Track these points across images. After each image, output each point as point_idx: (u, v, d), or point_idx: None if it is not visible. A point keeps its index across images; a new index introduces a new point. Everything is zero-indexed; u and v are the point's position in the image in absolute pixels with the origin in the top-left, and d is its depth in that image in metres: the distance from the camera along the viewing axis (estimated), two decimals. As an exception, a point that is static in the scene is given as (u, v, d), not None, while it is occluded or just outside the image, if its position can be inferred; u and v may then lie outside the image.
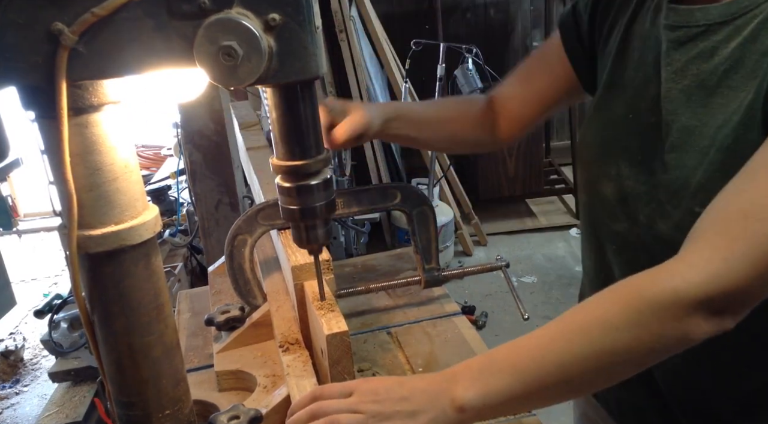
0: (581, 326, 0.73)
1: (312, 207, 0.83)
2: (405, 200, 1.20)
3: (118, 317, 0.77)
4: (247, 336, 1.17)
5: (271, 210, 1.15)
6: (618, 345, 0.71)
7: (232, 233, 1.15)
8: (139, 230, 0.75)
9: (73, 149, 0.69)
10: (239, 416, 0.91)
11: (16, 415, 3.33)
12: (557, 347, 0.73)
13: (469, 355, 1.16)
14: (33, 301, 4.03)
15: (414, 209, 1.21)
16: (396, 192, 1.20)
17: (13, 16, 0.63)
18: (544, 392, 0.73)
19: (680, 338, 0.70)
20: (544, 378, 0.72)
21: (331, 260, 1.04)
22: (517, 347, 0.76)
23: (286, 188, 0.83)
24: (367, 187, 1.21)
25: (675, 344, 0.71)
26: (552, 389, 0.73)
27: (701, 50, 0.83)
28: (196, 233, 3.02)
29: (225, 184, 2.53)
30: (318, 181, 0.82)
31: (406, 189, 1.20)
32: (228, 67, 0.66)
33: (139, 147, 5.61)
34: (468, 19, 5.09)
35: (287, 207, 0.84)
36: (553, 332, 0.75)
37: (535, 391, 0.73)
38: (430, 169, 3.84)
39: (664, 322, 0.69)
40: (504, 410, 0.78)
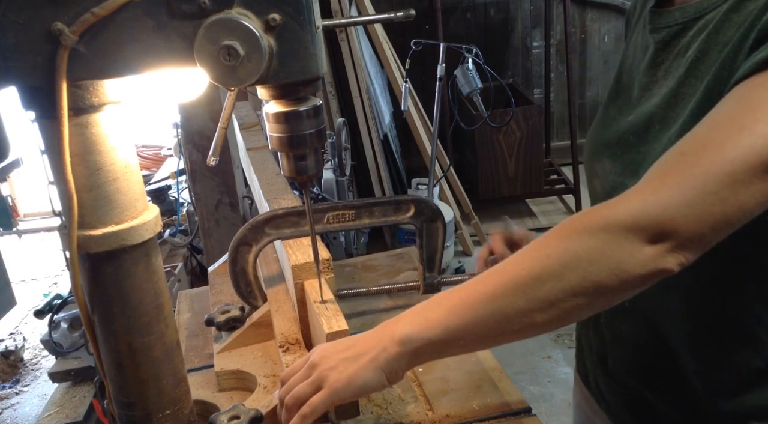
0: (515, 258, 0.76)
1: (302, 135, 0.80)
2: (418, 214, 1.17)
3: (119, 317, 0.77)
4: (248, 336, 1.17)
5: (279, 220, 1.12)
6: (549, 271, 0.72)
7: (236, 241, 1.13)
8: (140, 230, 0.75)
9: (74, 149, 0.69)
10: (239, 416, 0.91)
11: (16, 415, 3.33)
12: (491, 279, 0.76)
13: (469, 355, 1.16)
14: (33, 301, 4.03)
15: (426, 224, 1.19)
16: (410, 206, 1.16)
17: (13, 16, 0.63)
18: (480, 325, 0.75)
19: (613, 267, 0.70)
20: (477, 309, 0.74)
21: (331, 260, 1.04)
22: (458, 288, 0.78)
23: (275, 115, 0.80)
24: (380, 199, 1.17)
25: (608, 275, 0.70)
26: (487, 320, 0.74)
27: (681, 48, 0.88)
28: (196, 233, 3.02)
29: (225, 184, 2.53)
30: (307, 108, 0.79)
31: (421, 203, 1.17)
32: (228, 67, 0.66)
33: (139, 147, 5.61)
34: (468, 19, 5.09)
35: (275, 135, 0.81)
36: (491, 270, 0.77)
37: (471, 323, 0.75)
38: (430, 170, 3.83)
39: (593, 247, 0.70)
40: (443, 346, 0.77)
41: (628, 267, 0.70)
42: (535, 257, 0.74)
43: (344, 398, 0.80)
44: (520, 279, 0.74)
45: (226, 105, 1.08)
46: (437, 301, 0.79)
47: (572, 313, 0.74)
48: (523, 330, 0.75)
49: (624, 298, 0.74)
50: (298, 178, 0.85)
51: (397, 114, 4.28)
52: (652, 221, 0.69)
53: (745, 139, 0.67)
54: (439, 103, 3.65)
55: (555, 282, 0.72)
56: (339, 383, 0.79)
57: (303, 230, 1.12)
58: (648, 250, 0.69)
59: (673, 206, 0.69)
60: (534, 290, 0.73)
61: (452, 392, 1.07)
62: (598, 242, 0.71)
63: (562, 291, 0.72)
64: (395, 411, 1.01)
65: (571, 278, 0.71)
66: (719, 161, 0.68)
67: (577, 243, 0.72)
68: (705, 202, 0.68)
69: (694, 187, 0.68)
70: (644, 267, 0.69)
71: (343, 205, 1.15)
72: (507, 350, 3.22)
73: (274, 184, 1.36)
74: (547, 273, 0.72)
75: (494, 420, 1.00)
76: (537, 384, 3.00)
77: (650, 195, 0.70)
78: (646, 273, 0.70)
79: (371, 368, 0.79)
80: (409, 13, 0.89)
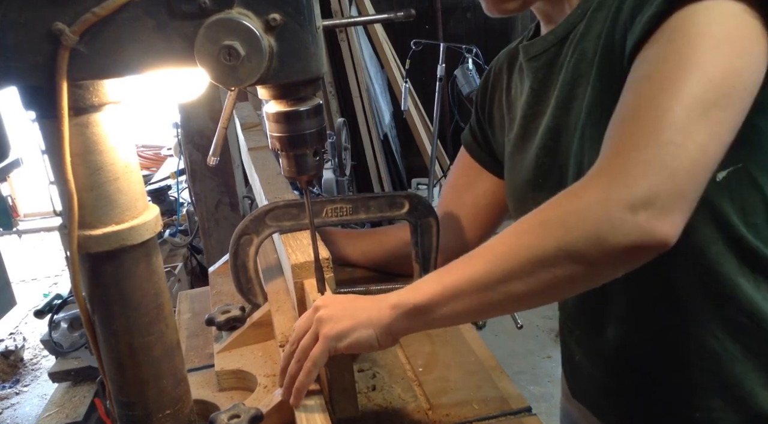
0: (501, 234, 0.78)
1: (302, 134, 0.80)
2: (412, 210, 1.19)
3: (119, 317, 0.77)
4: (248, 336, 1.18)
5: (280, 211, 1.14)
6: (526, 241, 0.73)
7: (238, 232, 1.15)
8: (140, 230, 0.75)
9: (74, 149, 0.69)
10: (240, 415, 0.91)
11: (16, 415, 3.33)
12: (477, 251, 0.79)
13: (469, 355, 1.16)
14: (33, 301, 4.03)
15: (420, 220, 1.20)
16: (404, 201, 1.19)
17: (13, 16, 0.64)
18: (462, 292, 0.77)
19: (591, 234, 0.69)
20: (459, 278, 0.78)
21: (330, 259, 1.04)
22: (451, 263, 0.81)
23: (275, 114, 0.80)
24: (375, 194, 1.19)
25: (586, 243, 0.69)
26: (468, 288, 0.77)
27: (560, 63, 0.95)
28: (196, 233, 3.02)
29: (225, 184, 2.53)
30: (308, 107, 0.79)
31: (415, 199, 1.19)
32: (228, 67, 0.66)
33: (139, 147, 5.61)
34: (468, 19, 5.10)
35: (276, 135, 0.81)
36: (478, 248, 0.79)
37: (453, 290, 0.78)
38: (430, 170, 3.84)
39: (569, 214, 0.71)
40: (429, 311, 0.80)
41: (609, 236, 0.68)
42: (516, 230, 0.76)
43: (338, 348, 0.84)
44: (499, 249, 0.76)
45: (227, 105, 1.08)
46: (430, 275, 0.84)
47: (553, 285, 0.73)
48: (503, 301, 0.76)
49: (613, 273, 0.73)
50: (299, 178, 0.86)
51: (397, 114, 4.28)
52: (626, 188, 0.68)
53: (674, 88, 0.70)
54: (439, 103, 3.65)
55: (531, 251, 0.72)
56: (333, 332, 0.84)
57: (303, 223, 1.14)
58: (631, 218, 0.67)
59: (639, 168, 0.68)
60: (511, 258, 0.74)
61: (452, 392, 1.07)
62: (572, 213, 0.71)
63: (537, 259, 0.72)
64: (395, 411, 1.02)
65: (547, 245, 0.71)
66: (659, 113, 0.69)
67: (553, 214, 0.73)
68: (666, 153, 0.68)
69: (648, 144, 0.69)
70: (627, 236, 0.68)
71: (340, 199, 1.17)
72: (507, 350, 3.22)
73: (275, 184, 1.36)
74: (524, 243, 0.73)
75: (494, 420, 1.00)
76: (537, 384, 3.00)
77: (614, 166, 0.71)
78: (633, 243, 0.68)
79: (364, 325, 0.83)
80: (409, 13, 0.89)
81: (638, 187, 0.68)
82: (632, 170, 0.69)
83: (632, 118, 0.72)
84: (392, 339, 0.84)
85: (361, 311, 0.85)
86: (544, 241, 0.72)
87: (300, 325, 0.90)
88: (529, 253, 0.73)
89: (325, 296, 0.92)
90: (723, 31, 0.71)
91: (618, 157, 0.71)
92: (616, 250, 0.69)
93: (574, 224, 0.70)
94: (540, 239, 0.72)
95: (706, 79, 0.69)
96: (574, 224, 0.70)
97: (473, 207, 1.25)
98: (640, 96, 0.73)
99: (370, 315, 0.83)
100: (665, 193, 0.67)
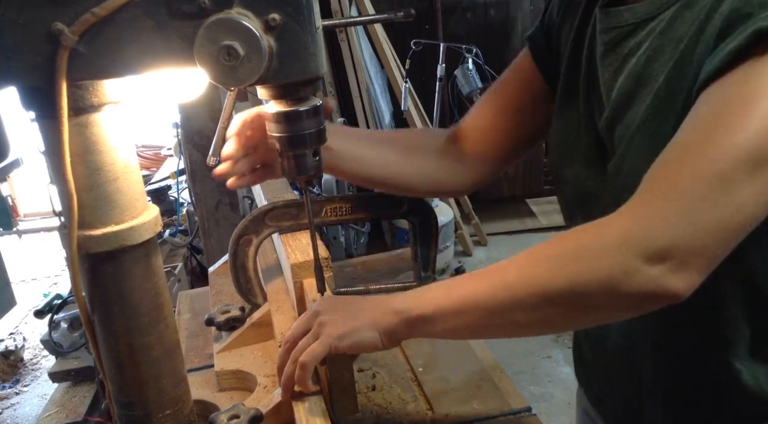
0: (515, 257, 0.76)
1: (301, 134, 0.80)
2: (411, 209, 1.19)
3: (119, 317, 0.77)
4: (248, 336, 1.18)
5: (279, 211, 1.14)
6: (537, 274, 0.72)
7: (238, 232, 1.15)
8: (140, 230, 0.75)
9: (74, 149, 0.69)
10: (239, 416, 0.91)
11: (16, 415, 3.33)
12: (487, 271, 0.78)
13: (469, 355, 1.16)
14: (33, 301, 4.03)
15: (419, 219, 1.21)
16: (403, 200, 1.19)
17: (13, 16, 0.63)
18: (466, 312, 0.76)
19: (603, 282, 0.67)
20: (466, 297, 0.77)
21: (330, 258, 1.04)
22: (459, 276, 0.81)
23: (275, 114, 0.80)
24: (376, 193, 1.19)
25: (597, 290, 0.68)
26: (473, 309, 0.76)
27: (632, 47, 0.85)
28: (196, 233, 3.02)
29: (225, 185, 2.53)
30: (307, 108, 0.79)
31: (414, 199, 1.19)
32: (228, 67, 0.66)
33: (139, 147, 5.61)
34: (468, 19, 5.09)
35: (276, 135, 0.81)
36: (492, 265, 0.78)
37: (458, 308, 0.77)
38: (430, 169, 3.83)
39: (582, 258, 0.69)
40: (432, 324, 0.80)
41: (620, 284, 0.67)
42: (530, 259, 0.74)
43: (339, 347, 0.83)
44: (510, 276, 0.75)
45: (226, 105, 1.08)
46: (437, 284, 0.83)
47: (556, 321, 0.73)
48: (504, 327, 0.76)
49: (620, 317, 0.73)
50: (298, 179, 0.86)
51: (397, 114, 4.28)
52: (646, 237, 0.66)
53: (726, 137, 0.65)
54: (439, 103, 3.65)
55: (540, 284, 0.71)
56: (337, 332, 0.83)
57: (302, 223, 1.14)
58: (646, 270, 0.65)
59: (665, 218, 0.66)
60: (520, 289, 0.73)
61: (452, 392, 1.07)
62: (588, 252, 0.69)
63: (545, 294, 0.71)
64: (395, 411, 1.02)
65: (557, 283, 0.70)
66: (703, 163, 0.65)
67: (569, 248, 0.71)
68: (697, 209, 0.64)
69: (682, 194, 0.65)
70: (640, 288, 0.66)
71: (340, 198, 1.17)
72: (507, 350, 3.22)
73: (274, 184, 1.37)
74: (536, 275, 0.72)
75: (494, 420, 1.00)
76: (537, 384, 3.00)
77: (640, 210, 0.68)
78: (644, 294, 0.66)
79: (368, 326, 0.82)
80: (409, 13, 0.89)
81: (659, 238, 0.65)
82: (658, 219, 0.66)
83: (676, 161, 0.68)
84: (396, 341, 0.84)
85: (363, 313, 0.84)
86: (555, 277, 0.70)
87: (298, 325, 0.89)
88: (539, 287, 0.71)
89: (324, 300, 0.92)
90: None
91: (648, 200, 0.68)
92: (625, 297, 0.67)
93: (588, 265, 0.68)
94: (552, 275, 0.71)
95: (766, 131, 0.63)
96: (588, 265, 0.68)
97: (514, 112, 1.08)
98: (691, 138, 0.68)
99: (373, 317, 0.83)
100: (687, 248, 0.65)
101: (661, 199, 0.67)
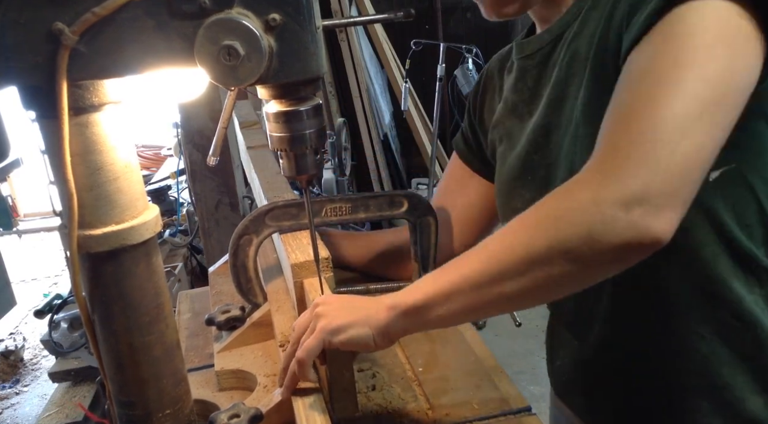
0: (494, 235, 0.78)
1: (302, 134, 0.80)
2: (411, 209, 1.19)
3: (119, 316, 0.77)
4: (248, 336, 1.18)
5: (279, 211, 1.14)
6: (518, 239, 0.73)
7: (238, 232, 1.15)
8: (140, 230, 0.75)
9: (74, 149, 0.69)
10: (239, 415, 0.91)
11: (16, 415, 3.33)
12: (472, 251, 0.78)
13: (469, 355, 1.16)
14: (33, 301, 4.03)
15: (419, 219, 1.21)
16: (403, 200, 1.19)
17: (13, 16, 0.64)
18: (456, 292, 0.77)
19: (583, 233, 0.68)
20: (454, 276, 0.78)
21: (330, 258, 1.04)
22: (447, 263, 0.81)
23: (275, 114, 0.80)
24: (375, 194, 1.20)
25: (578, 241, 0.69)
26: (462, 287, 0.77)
27: (553, 61, 0.95)
28: (196, 233, 3.02)
29: (225, 184, 2.53)
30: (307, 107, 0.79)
31: (414, 198, 1.20)
32: (228, 67, 0.66)
33: (139, 147, 5.62)
34: (468, 19, 5.10)
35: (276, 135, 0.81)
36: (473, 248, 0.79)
37: (448, 289, 0.78)
38: (430, 170, 3.84)
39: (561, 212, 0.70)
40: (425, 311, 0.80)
41: (601, 234, 0.67)
42: (510, 229, 0.75)
43: (332, 342, 0.84)
44: (493, 248, 0.76)
45: (226, 105, 1.08)
46: (427, 275, 0.84)
47: (546, 285, 0.73)
48: (498, 301, 0.76)
49: (607, 271, 0.72)
50: (298, 178, 0.86)
51: (397, 114, 4.28)
52: (617, 187, 0.67)
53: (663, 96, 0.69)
54: (439, 103, 3.65)
55: (524, 249, 0.72)
56: (330, 326, 0.84)
57: (302, 223, 1.14)
58: (624, 217, 0.67)
59: (632, 167, 0.68)
60: (504, 257, 0.74)
61: (452, 391, 1.07)
62: (565, 211, 0.70)
63: (530, 258, 0.71)
64: (395, 410, 1.02)
65: (539, 244, 0.71)
66: (654, 113, 0.69)
67: (546, 212, 0.73)
68: (660, 153, 0.67)
69: (643, 143, 0.68)
70: (621, 235, 0.67)
71: (340, 198, 1.17)
72: (507, 349, 3.22)
73: (275, 184, 1.37)
74: (518, 242, 0.73)
75: (494, 419, 1.00)
76: (537, 384, 3.00)
77: (606, 165, 0.70)
78: (626, 242, 0.67)
79: (362, 323, 0.83)
80: (409, 13, 0.89)
81: (631, 185, 0.67)
82: (626, 167, 0.68)
83: (627, 115, 0.71)
84: (389, 340, 0.84)
85: (358, 310, 0.85)
86: (537, 240, 0.71)
87: (299, 324, 0.90)
88: (522, 252, 0.72)
89: (324, 296, 0.92)
90: (718, 31, 0.71)
91: (612, 154, 0.70)
92: (608, 248, 0.68)
93: (567, 222, 0.70)
94: (533, 238, 0.72)
95: (703, 79, 0.69)
96: (567, 222, 0.70)
97: (466, 210, 1.25)
98: (636, 93, 0.72)
99: (368, 314, 0.84)
100: (658, 190, 0.67)
101: (623, 151, 0.69)
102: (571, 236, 0.69)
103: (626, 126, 0.71)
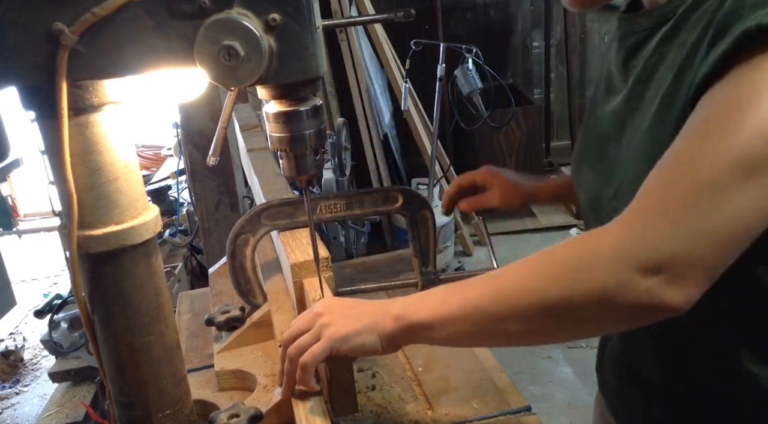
0: (514, 265, 0.76)
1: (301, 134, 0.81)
2: (406, 204, 1.20)
3: (119, 317, 0.77)
4: (248, 336, 1.18)
5: (275, 210, 1.14)
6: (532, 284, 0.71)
7: (234, 232, 1.15)
8: (140, 230, 0.75)
9: (74, 149, 0.69)
10: (239, 415, 0.91)
11: (16, 415, 3.33)
12: (485, 279, 0.77)
13: (468, 354, 1.16)
14: (33, 301, 4.03)
15: (415, 213, 1.21)
16: (398, 195, 1.20)
17: (13, 16, 0.64)
18: (463, 320, 0.76)
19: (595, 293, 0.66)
20: (463, 305, 0.76)
21: (330, 258, 1.04)
22: (457, 283, 0.81)
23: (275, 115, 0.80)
24: (369, 190, 1.21)
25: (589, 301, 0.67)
26: (469, 317, 0.76)
27: (646, 52, 0.85)
28: (196, 233, 3.02)
29: (225, 184, 2.53)
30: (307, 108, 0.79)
31: (408, 193, 1.20)
32: (228, 67, 0.66)
33: (139, 147, 5.61)
34: (468, 19, 5.09)
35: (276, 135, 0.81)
36: (490, 272, 0.79)
37: (455, 316, 0.77)
38: (430, 170, 3.84)
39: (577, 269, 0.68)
40: (430, 330, 0.79)
41: (614, 296, 0.65)
42: (526, 268, 0.74)
43: (340, 350, 0.83)
44: (506, 285, 0.74)
45: (226, 105, 1.08)
46: (436, 291, 0.83)
47: (551, 332, 0.73)
48: (498, 336, 0.76)
49: (615, 330, 0.72)
50: (298, 178, 0.86)
51: (397, 114, 4.28)
52: (640, 248, 0.64)
53: (718, 145, 0.63)
54: (439, 103, 3.65)
55: (536, 295, 0.71)
56: (338, 334, 0.83)
57: (298, 221, 1.15)
58: (640, 282, 0.64)
59: (660, 229, 0.64)
60: (514, 299, 0.73)
61: (452, 391, 1.07)
62: (583, 262, 0.68)
63: (540, 305, 0.70)
64: (395, 410, 1.02)
65: (552, 293, 0.69)
66: (695, 171, 0.64)
67: (566, 257, 0.71)
68: (691, 218, 0.63)
69: (676, 204, 0.64)
70: (635, 300, 0.64)
71: (334, 196, 1.17)
72: (507, 349, 3.21)
73: (274, 185, 1.37)
74: (532, 286, 0.72)
75: (494, 419, 1.00)
76: (537, 384, 3.00)
77: (636, 220, 0.67)
78: (639, 307, 0.65)
79: (369, 330, 0.82)
80: (409, 13, 0.89)
81: (653, 250, 0.63)
82: (652, 229, 0.64)
83: (669, 170, 0.67)
84: (396, 347, 0.83)
85: (365, 316, 0.84)
86: (550, 289, 0.69)
87: (297, 325, 0.89)
88: (534, 299, 0.71)
89: (325, 300, 0.91)
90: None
91: (643, 210, 0.67)
92: (620, 310, 0.66)
93: (583, 277, 0.67)
94: (548, 287, 0.70)
95: (760, 136, 0.62)
96: (583, 276, 0.67)
97: None
98: (687, 144, 0.66)
99: (374, 320, 0.83)
100: (684, 259, 0.63)
101: (655, 208, 0.66)
102: (584, 292, 0.67)
103: (667, 180, 0.66)
